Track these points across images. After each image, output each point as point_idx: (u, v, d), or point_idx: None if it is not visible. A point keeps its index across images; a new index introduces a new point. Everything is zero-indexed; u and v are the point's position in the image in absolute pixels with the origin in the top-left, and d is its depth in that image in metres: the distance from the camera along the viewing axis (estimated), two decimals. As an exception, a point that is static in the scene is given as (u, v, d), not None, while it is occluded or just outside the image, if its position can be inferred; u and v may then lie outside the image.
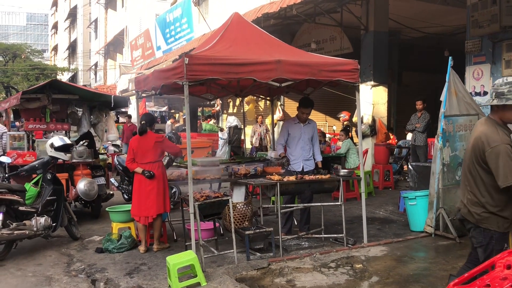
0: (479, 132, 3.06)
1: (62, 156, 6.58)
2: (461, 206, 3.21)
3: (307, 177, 5.54)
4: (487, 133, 3.00)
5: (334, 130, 14.93)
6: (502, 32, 7.64)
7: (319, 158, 6.27)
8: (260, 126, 12.95)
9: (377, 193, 9.36)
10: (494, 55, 7.86)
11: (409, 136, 12.42)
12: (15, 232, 5.21)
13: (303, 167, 6.03)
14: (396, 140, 12.35)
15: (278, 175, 5.63)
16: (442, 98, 6.05)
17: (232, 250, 5.00)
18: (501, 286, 2.04)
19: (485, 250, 3.05)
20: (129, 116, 14.03)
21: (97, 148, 9.17)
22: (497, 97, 3.00)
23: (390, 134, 12.04)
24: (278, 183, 5.29)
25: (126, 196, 8.47)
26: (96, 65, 37.79)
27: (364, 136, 10.39)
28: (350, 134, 10.15)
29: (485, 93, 7.98)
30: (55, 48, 57.25)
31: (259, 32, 6.08)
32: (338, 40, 12.41)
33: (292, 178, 5.51)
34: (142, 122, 5.67)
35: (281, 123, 13.17)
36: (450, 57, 6.07)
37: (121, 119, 14.26)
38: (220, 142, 13.13)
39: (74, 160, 7.31)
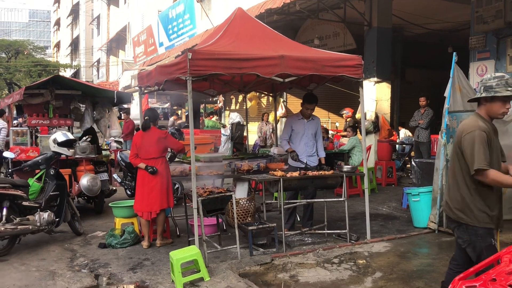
0: (460, 125, 3.15)
1: (65, 151, 6.58)
2: (444, 204, 3.20)
3: (310, 173, 5.52)
4: (466, 123, 3.08)
5: (337, 127, 14.91)
6: (506, 28, 7.61)
7: (322, 154, 6.25)
8: (266, 124, 12.82)
9: (380, 190, 9.34)
10: (499, 51, 7.83)
11: (402, 132, 12.41)
12: (19, 227, 5.24)
13: (306, 163, 6.02)
14: (397, 137, 12.31)
15: (281, 171, 5.63)
16: (446, 94, 6.03)
17: (235, 246, 5.00)
18: (507, 280, 2.02)
19: (474, 248, 3.00)
20: (127, 112, 14.01)
21: (100, 144, 9.17)
22: (486, 91, 3.05)
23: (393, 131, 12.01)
24: (281, 179, 5.28)
25: (129, 192, 8.48)
26: (98, 61, 37.81)
27: (367, 132, 10.37)
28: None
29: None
30: (57, 45, 57.32)
31: (262, 27, 6.05)
32: (341, 36, 12.37)
33: (295, 174, 5.50)
34: (146, 118, 5.66)
35: (284, 119, 13.13)
36: (454, 53, 6.04)
37: (123, 116, 14.23)
38: (223, 138, 13.11)
39: (77, 156, 7.33)
